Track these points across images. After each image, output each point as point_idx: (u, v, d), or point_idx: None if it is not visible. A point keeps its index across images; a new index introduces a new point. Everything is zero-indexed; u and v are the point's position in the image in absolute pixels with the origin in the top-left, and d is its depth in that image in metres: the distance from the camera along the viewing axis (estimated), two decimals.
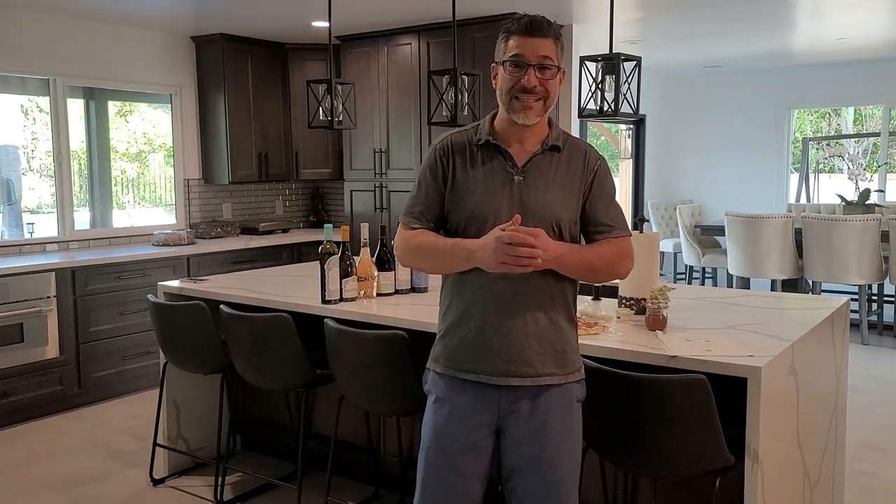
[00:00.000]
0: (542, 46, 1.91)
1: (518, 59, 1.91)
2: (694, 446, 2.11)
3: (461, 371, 1.96)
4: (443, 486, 1.97)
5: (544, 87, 1.91)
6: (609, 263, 1.99)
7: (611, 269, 2.00)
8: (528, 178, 1.95)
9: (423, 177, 2.03)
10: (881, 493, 3.45)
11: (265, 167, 6.16)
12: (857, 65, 7.69)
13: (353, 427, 3.46)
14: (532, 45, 1.90)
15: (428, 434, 2.02)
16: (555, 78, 1.94)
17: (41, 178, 5.43)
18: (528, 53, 1.90)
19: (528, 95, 1.91)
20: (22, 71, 5.05)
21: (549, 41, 1.91)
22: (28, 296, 4.45)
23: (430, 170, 2.02)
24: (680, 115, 8.92)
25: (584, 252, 1.97)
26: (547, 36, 1.91)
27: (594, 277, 2.14)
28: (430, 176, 2.01)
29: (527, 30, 1.91)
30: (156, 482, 3.60)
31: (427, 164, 2.03)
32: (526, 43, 1.90)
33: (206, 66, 5.95)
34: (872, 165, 10.35)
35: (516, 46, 1.91)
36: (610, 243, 1.99)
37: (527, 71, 1.90)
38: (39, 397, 4.52)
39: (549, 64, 1.91)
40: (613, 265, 2.00)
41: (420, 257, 2.04)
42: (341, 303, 3.08)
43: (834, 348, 2.85)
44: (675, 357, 2.20)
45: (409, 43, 5.62)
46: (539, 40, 1.90)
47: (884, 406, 4.65)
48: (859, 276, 6.05)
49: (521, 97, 1.91)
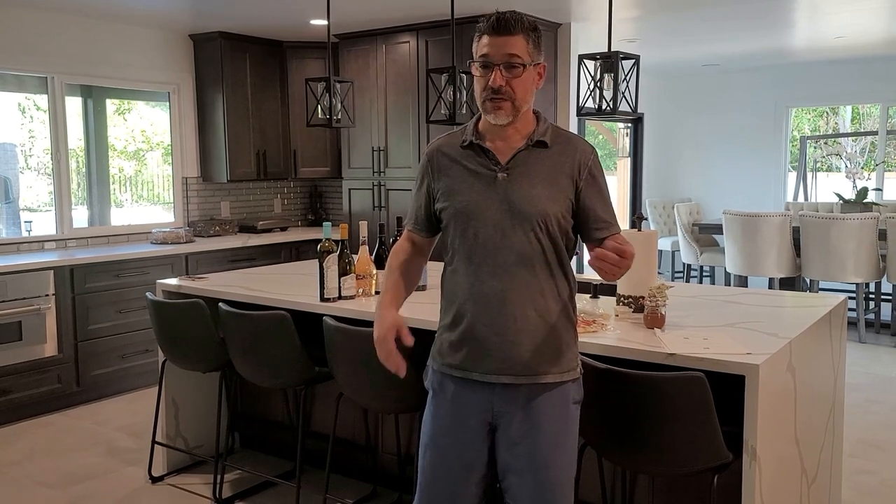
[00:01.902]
0: (510, 44, 1.87)
1: (484, 59, 1.89)
2: (692, 444, 2.12)
3: (454, 369, 1.97)
4: (442, 482, 1.98)
5: (510, 88, 1.88)
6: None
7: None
8: (513, 175, 1.93)
9: (416, 181, 2.12)
10: (878, 490, 3.46)
11: (263, 165, 6.15)
12: (854, 63, 7.70)
13: (352, 425, 3.47)
14: (499, 44, 1.87)
15: (427, 431, 2.04)
16: (522, 76, 1.89)
17: (39, 177, 5.42)
18: (494, 53, 1.87)
19: (496, 96, 1.88)
20: (20, 69, 5.04)
21: (517, 38, 1.87)
22: (26, 294, 4.45)
23: (421, 174, 2.09)
24: (678, 114, 8.93)
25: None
26: (514, 33, 1.87)
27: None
28: (419, 183, 2.09)
29: (493, 29, 1.88)
30: (154, 480, 3.60)
31: (419, 169, 2.11)
32: (493, 42, 1.87)
33: (204, 64, 5.95)
34: (870, 164, 10.37)
35: (484, 46, 1.89)
36: (617, 238, 1.98)
37: (492, 71, 1.88)
38: (38, 395, 4.52)
39: (515, 62, 1.87)
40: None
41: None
42: (340, 301, 3.08)
43: (831, 346, 2.86)
44: (674, 355, 2.21)
45: (408, 41, 5.62)
46: (506, 38, 1.87)
47: (881, 404, 4.66)
48: (857, 274, 6.06)
49: (492, 98, 1.89)
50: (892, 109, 8.33)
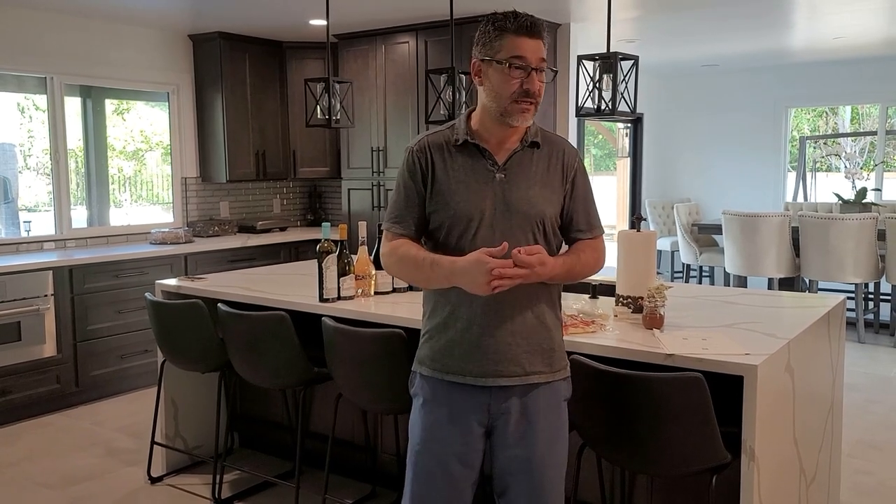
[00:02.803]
0: (541, 48, 1.87)
1: (521, 61, 1.84)
2: (691, 444, 2.12)
3: (449, 373, 1.94)
4: (434, 489, 1.95)
5: (539, 92, 1.88)
6: (590, 268, 2.01)
7: (590, 272, 2.02)
8: (510, 176, 1.92)
9: (402, 179, 1.97)
10: (876, 490, 3.47)
11: (263, 165, 6.15)
12: (853, 64, 7.70)
13: (351, 425, 3.47)
14: (533, 47, 1.85)
15: (416, 437, 1.99)
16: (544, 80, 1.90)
17: (38, 177, 5.42)
18: (530, 56, 1.85)
19: (528, 99, 1.86)
20: (19, 69, 5.04)
21: (543, 42, 1.88)
22: (25, 294, 4.45)
23: (409, 171, 1.96)
24: (677, 114, 8.93)
25: (570, 263, 1.95)
26: (542, 37, 1.87)
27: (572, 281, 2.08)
28: (409, 178, 1.95)
29: (527, 30, 1.84)
30: (154, 480, 3.60)
31: (405, 166, 1.97)
32: (527, 44, 1.84)
33: (203, 65, 5.95)
34: (869, 164, 10.37)
35: (517, 48, 1.84)
36: (590, 247, 2.00)
37: (530, 74, 1.85)
38: (37, 396, 4.52)
39: (544, 67, 1.88)
40: (593, 269, 2.02)
41: (402, 271, 1.99)
42: (339, 301, 3.08)
43: (830, 346, 2.86)
44: (672, 355, 2.21)
45: (407, 41, 5.62)
46: (538, 42, 1.86)
47: (880, 404, 4.66)
48: (856, 274, 6.06)
49: (521, 101, 1.86)
50: (892, 109, 8.33)
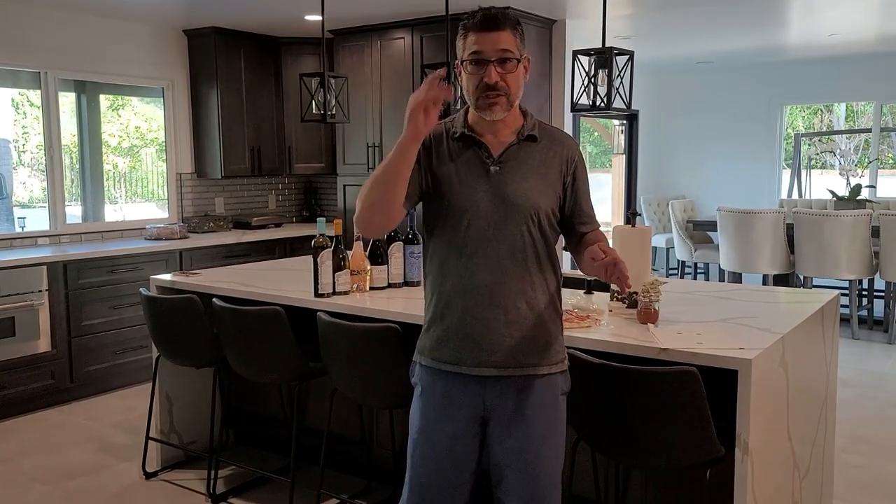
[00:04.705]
0: (501, 40, 1.87)
1: (477, 56, 1.87)
2: (685, 438, 2.13)
3: (444, 363, 1.96)
4: (432, 476, 1.98)
5: (505, 83, 1.88)
6: None
7: None
8: (505, 169, 1.94)
9: None
10: (870, 484, 3.48)
11: (258, 161, 6.14)
12: (848, 61, 7.72)
13: (346, 420, 3.47)
14: (490, 39, 1.86)
15: (416, 426, 2.02)
16: (516, 70, 1.90)
17: (32, 173, 5.41)
18: (487, 49, 1.86)
19: (491, 92, 1.88)
20: (12, 64, 5.02)
21: (506, 33, 1.87)
22: (20, 290, 4.44)
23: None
24: (673, 111, 8.94)
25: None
26: (503, 28, 1.87)
27: None
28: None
29: (482, 25, 1.87)
30: (148, 476, 3.60)
31: None
32: (484, 38, 1.86)
33: (198, 60, 5.93)
34: (864, 161, 10.40)
35: (474, 43, 1.87)
36: (598, 234, 2.03)
37: (487, 68, 1.87)
38: (31, 391, 4.51)
39: (508, 56, 1.88)
40: None
41: (368, 193, 1.90)
42: (334, 296, 3.08)
43: (824, 342, 2.87)
44: (667, 350, 2.21)
45: (403, 37, 5.61)
46: (497, 34, 1.87)
47: (873, 399, 4.68)
48: (850, 271, 6.08)
49: (485, 95, 1.88)
50: (886, 107, 8.37)
